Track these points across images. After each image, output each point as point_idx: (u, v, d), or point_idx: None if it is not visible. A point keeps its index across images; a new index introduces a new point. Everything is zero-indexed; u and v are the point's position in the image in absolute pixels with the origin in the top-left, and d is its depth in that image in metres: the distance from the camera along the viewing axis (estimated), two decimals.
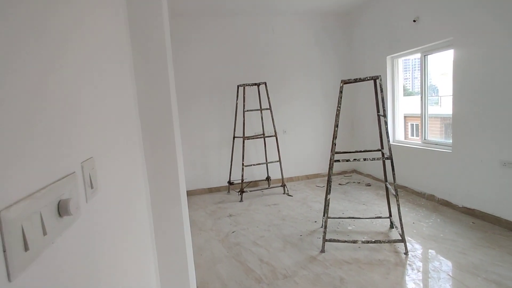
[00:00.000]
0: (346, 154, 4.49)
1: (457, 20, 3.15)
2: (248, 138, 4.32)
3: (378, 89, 2.64)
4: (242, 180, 4.28)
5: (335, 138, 2.65)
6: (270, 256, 2.60)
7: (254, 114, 4.65)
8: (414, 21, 3.69)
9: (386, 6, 4.17)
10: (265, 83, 4.26)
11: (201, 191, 4.73)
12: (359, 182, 4.70)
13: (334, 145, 2.66)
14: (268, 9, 4.49)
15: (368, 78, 2.56)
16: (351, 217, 3.17)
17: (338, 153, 2.96)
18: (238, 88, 4.36)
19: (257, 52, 4.73)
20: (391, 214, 3.02)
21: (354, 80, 2.59)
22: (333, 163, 2.60)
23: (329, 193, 2.68)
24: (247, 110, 4.33)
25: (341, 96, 2.60)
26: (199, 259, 2.62)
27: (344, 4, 4.54)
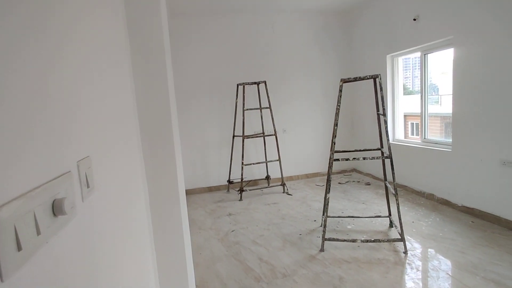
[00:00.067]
0: (346, 153, 4.48)
1: (457, 19, 3.14)
2: (248, 137, 4.32)
3: (378, 88, 2.64)
4: (242, 179, 4.28)
5: (335, 137, 2.65)
6: (270, 255, 2.60)
7: (254, 113, 4.64)
8: (414, 20, 3.68)
9: (386, 5, 4.16)
10: (265, 82, 4.25)
11: (201, 190, 4.73)
12: (359, 181, 4.70)
13: (334, 144, 2.66)
14: (268, 7, 4.48)
15: (368, 77, 2.56)
16: (351, 216, 3.16)
17: (338, 152, 2.96)
18: (238, 87, 4.35)
19: (257, 52, 4.72)
20: (391, 213, 3.02)
21: (354, 79, 2.58)
22: (333, 162, 2.60)
23: (329, 192, 2.68)
24: (247, 109, 4.32)
25: (341, 95, 2.60)
26: (199, 258, 2.62)
27: (344, 3, 4.53)
